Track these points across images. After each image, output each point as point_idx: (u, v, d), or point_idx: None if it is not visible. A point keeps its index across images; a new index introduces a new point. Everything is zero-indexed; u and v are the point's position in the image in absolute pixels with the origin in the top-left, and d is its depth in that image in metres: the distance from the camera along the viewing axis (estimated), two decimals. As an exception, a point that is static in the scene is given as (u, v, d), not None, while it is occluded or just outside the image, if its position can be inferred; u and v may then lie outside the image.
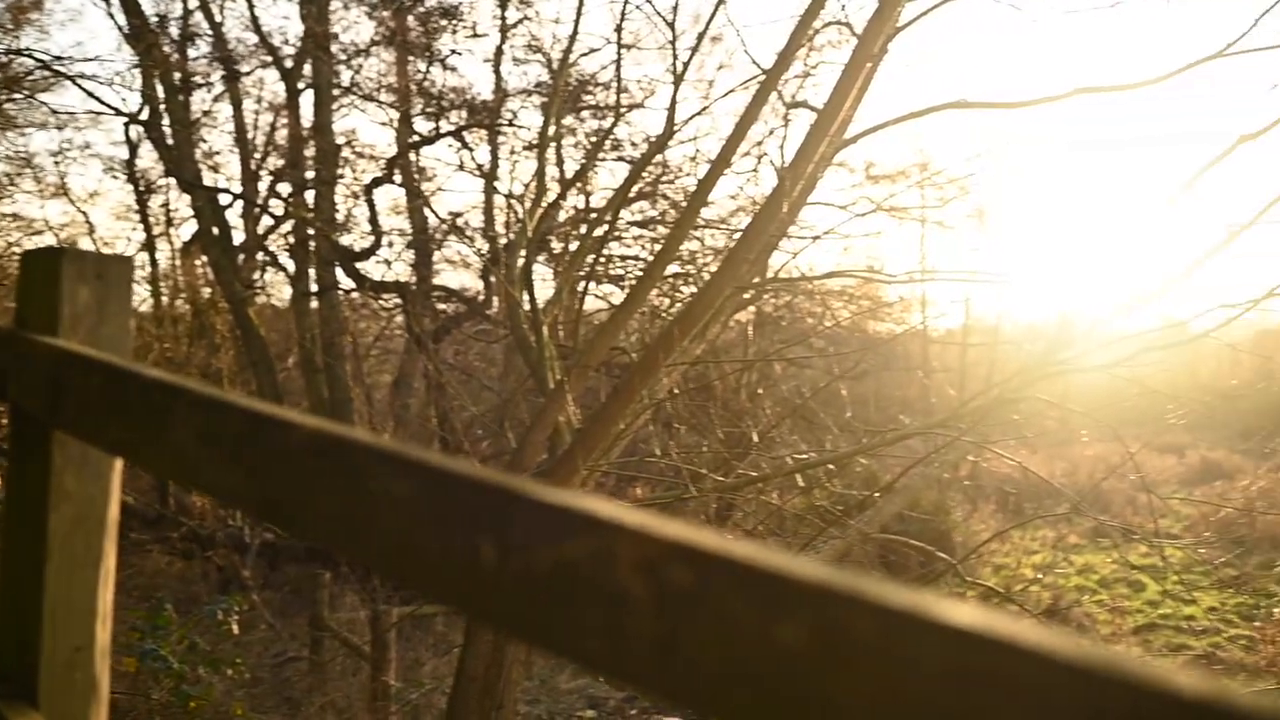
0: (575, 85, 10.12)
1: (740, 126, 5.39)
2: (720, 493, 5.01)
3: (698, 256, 10.99)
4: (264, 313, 12.34)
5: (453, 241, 11.18)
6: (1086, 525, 9.95)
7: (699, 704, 0.68)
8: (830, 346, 9.72)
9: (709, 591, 0.65)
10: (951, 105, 6.73)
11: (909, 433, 5.53)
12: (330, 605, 9.42)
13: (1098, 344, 6.72)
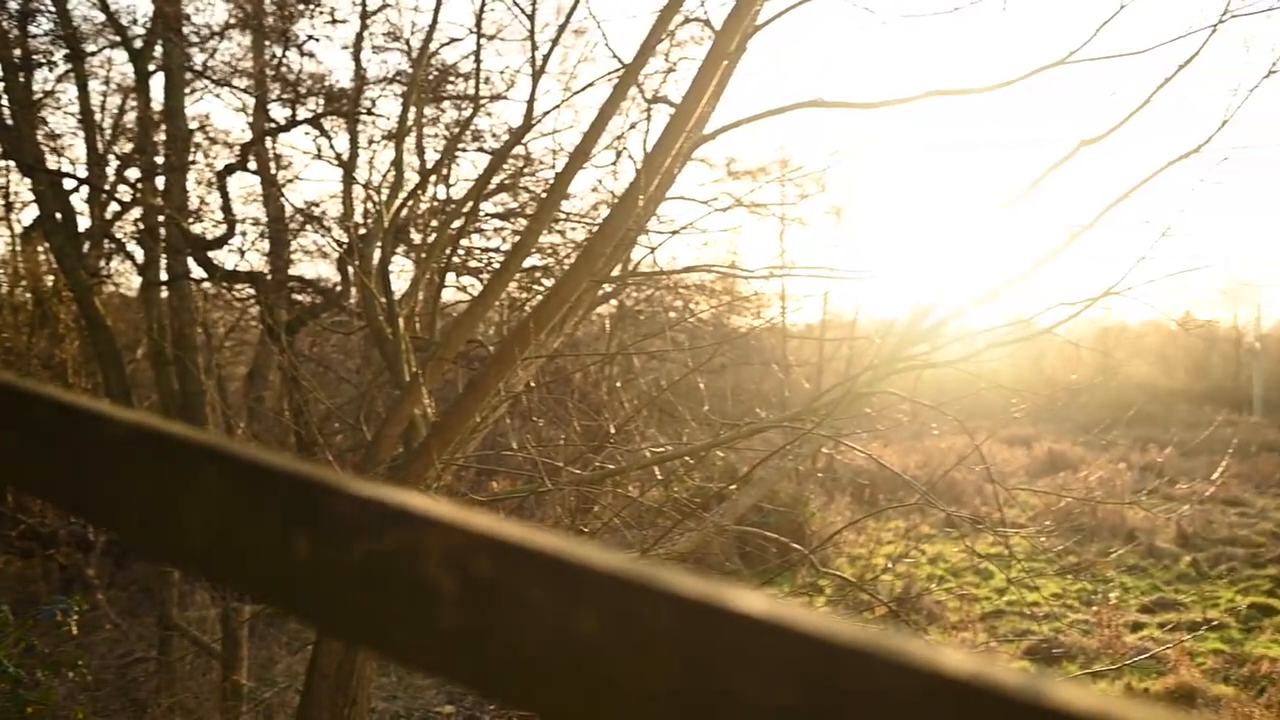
0: (436, 75, 10.01)
1: (599, 120, 5.40)
2: (577, 486, 5.02)
3: (560, 250, 10.98)
4: (111, 302, 11.95)
5: (310, 231, 10.97)
6: (938, 516, 10.22)
7: (503, 694, 0.69)
8: (690, 341, 9.81)
9: (511, 582, 0.65)
10: (808, 104, 6.84)
11: (764, 426, 5.61)
12: (180, 603, 9.18)
13: (947, 340, 6.92)
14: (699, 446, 5.58)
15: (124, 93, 10.94)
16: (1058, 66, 7.06)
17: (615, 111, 5.58)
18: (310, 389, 7.66)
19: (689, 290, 12.57)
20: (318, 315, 10.14)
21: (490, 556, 0.67)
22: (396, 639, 0.73)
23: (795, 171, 13.43)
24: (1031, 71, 7.09)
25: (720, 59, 4.96)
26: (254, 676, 8.28)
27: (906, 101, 6.96)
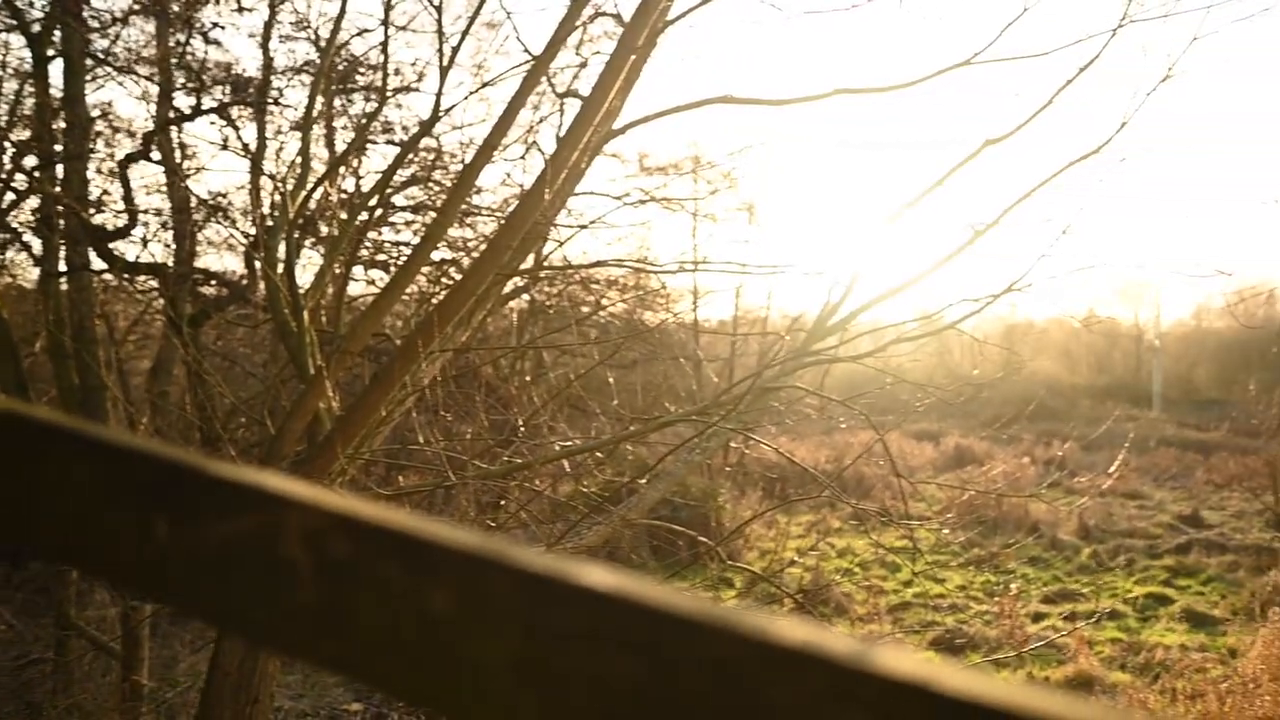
0: (345, 66, 9.89)
1: (507, 113, 5.38)
2: (484, 480, 5.00)
3: (470, 244, 10.92)
4: (7, 294, 11.62)
5: (216, 223, 10.77)
6: (847, 510, 10.34)
7: (363, 674, 0.69)
8: (601, 335, 9.83)
9: (367, 562, 0.66)
10: (717, 100, 6.88)
11: (671, 420, 5.63)
12: (78, 602, 8.96)
13: (854, 335, 7.01)
14: (606, 441, 5.59)
15: (21, 78, 10.65)
16: (963, 67, 7.18)
17: (523, 105, 5.56)
18: (215, 384, 7.53)
19: (601, 285, 12.58)
20: (223, 308, 9.96)
21: (348, 537, 0.67)
22: (257, 620, 0.73)
23: (707, 167, 13.51)
24: (937, 71, 7.19)
25: (628, 53, 4.96)
26: (155, 676, 8.13)
27: (814, 99, 7.02)
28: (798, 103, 7.13)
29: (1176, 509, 20.21)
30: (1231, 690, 8.94)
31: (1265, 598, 12.32)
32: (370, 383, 4.86)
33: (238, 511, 0.73)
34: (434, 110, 6.27)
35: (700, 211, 14.72)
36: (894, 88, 7.24)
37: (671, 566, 9.31)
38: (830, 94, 6.99)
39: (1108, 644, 11.34)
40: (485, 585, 0.60)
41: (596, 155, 6.31)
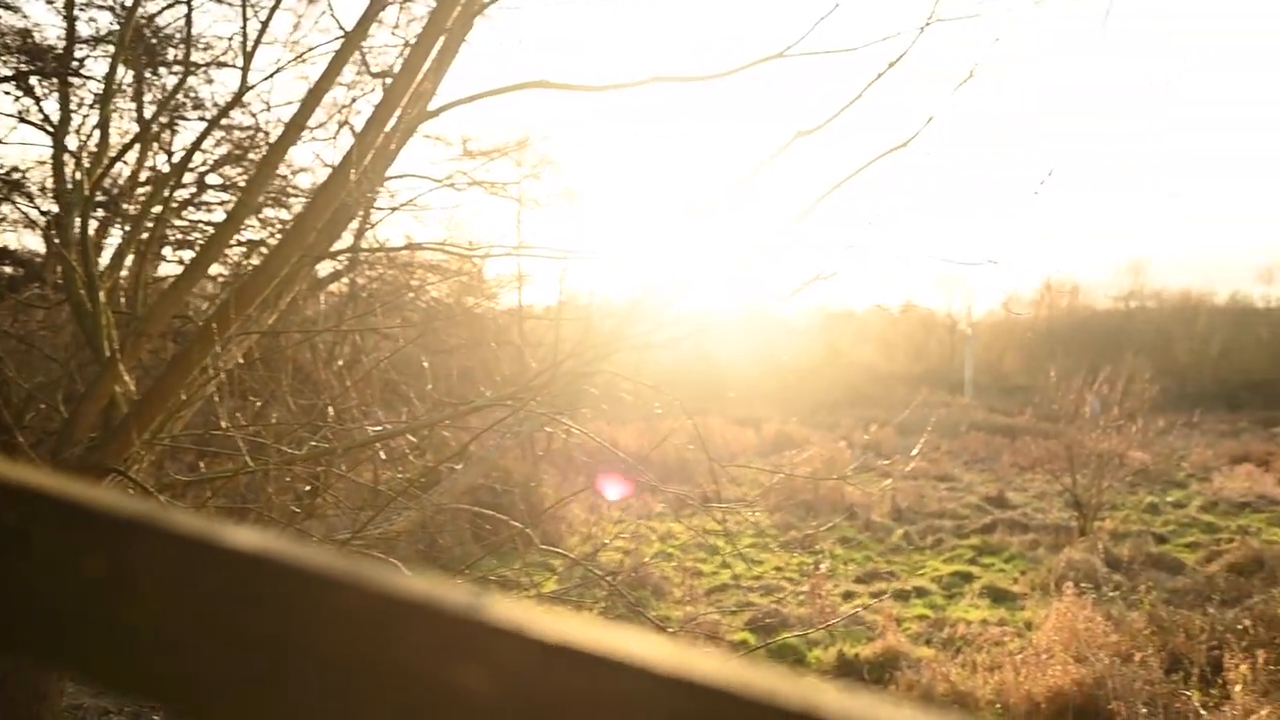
0: (152, 37, 9.53)
1: (316, 90, 5.27)
2: (289, 465, 4.90)
3: (289, 225, 10.65)
4: None
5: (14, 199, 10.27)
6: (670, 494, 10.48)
7: (30, 647, 0.68)
8: (423, 320, 9.72)
9: (32, 530, 0.65)
10: (533, 84, 6.86)
11: (483, 404, 5.62)
12: None
13: (670, 321, 7.09)
14: (417, 425, 5.54)
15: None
16: (776, 59, 7.31)
17: (333, 83, 5.46)
18: (6, 368, 7.20)
19: (423, 270, 12.45)
20: (18, 289, 9.51)
21: (13, 506, 0.66)
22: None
23: (530, 152, 13.47)
24: (751, 63, 7.31)
25: (438, 33, 4.92)
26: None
27: (630, 86, 7.06)
28: (614, 89, 7.16)
29: (984, 491, 21.08)
30: (1026, 662, 9.38)
31: (1060, 574, 12.95)
32: (168, 365, 4.72)
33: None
34: (241, 86, 6.10)
35: (524, 197, 14.69)
36: (709, 77, 7.34)
37: (493, 552, 9.28)
38: (647, 81, 7.04)
39: (915, 620, 11.77)
40: (136, 550, 0.60)
41: (410, 137, 6.22)
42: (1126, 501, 19.49)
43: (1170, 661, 9.46)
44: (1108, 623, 10.30)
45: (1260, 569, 13.29)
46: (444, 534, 10.88)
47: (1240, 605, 11.25)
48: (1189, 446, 26.68)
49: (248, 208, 6.10)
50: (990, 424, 32.39)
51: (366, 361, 6.64)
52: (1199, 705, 8.01)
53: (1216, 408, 42.98)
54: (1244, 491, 20.93)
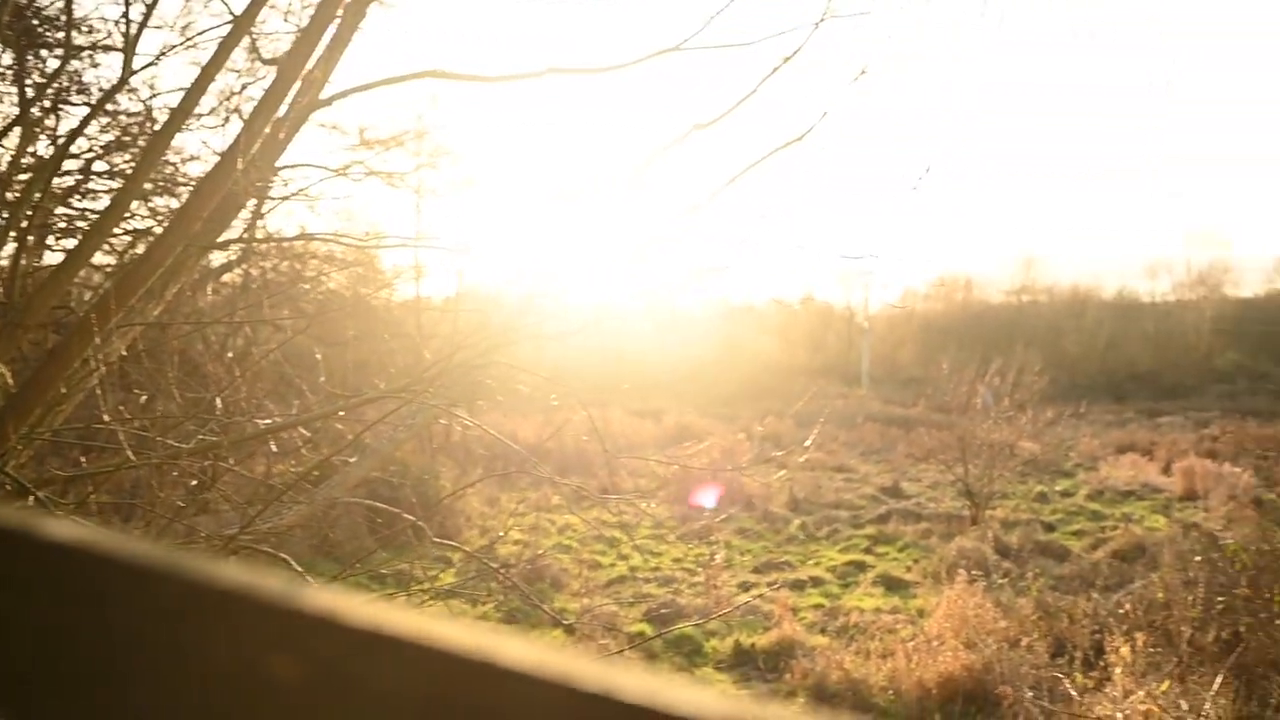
0: (33, 17, 9.24)
1: (203, 76, 5.16)
2: (173, 459, 4.80)
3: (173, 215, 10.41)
4: None
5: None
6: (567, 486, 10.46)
7: None
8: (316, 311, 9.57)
9: None
10: (429, 74, 6.79)
11: (375, 396, 5.56)
12: None
13: (567, 312, 7.08)
14: (308, 417, 5.47)
15: None
16: (673, 52, 7.33)
17: (221, 68, 5.35)
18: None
19: (319, 261, 12.27)
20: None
21: None
22: None
23: (428, 142, 13.36)
24: (648, 56, 7.32)
25: (329, 19, 4.85)
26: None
27: (527, 77, 7.03)
28: (511, 80, 7.13)
29: (879, 481, 21.43)
30: (918, 648, 9.56)
31: (952, 562, 13.22)
32: (46, 358, 4.60)
33: None
34: (125, 70, 5.94)
35: (421, 187, 14.56)
36: (606, 70, 7.33)
37: (385, 545, 9.19)
38: (543, 73, 7.02)
39: (811, 610, 11.92)
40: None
41: (301, 125, 6.12)
42: (1017, 491, 19.96)
43: (1055, 646, 9.71)
44: (997, 609, 10.55)
45: (1142, 555, 13.71)
46: (338, 528, 10.76)
47: (1122, 590, 11.59)
48: (1077, 437, 27.40)
49: (132, 195, 5.96)
50: (886, 415, 32.93)
51: (257, 353, 6.52)
52: (1081, 687, 8.23)
53: (1103, 399, 44.21)
54: (1128, 480, 21.57)
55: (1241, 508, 17.46)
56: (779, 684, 9.68)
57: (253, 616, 0.50)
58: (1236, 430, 29.73)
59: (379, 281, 12.87)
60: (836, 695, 9.18)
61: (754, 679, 9.93)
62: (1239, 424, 32.05)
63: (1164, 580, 10.72)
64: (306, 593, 0.49)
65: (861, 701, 9.05)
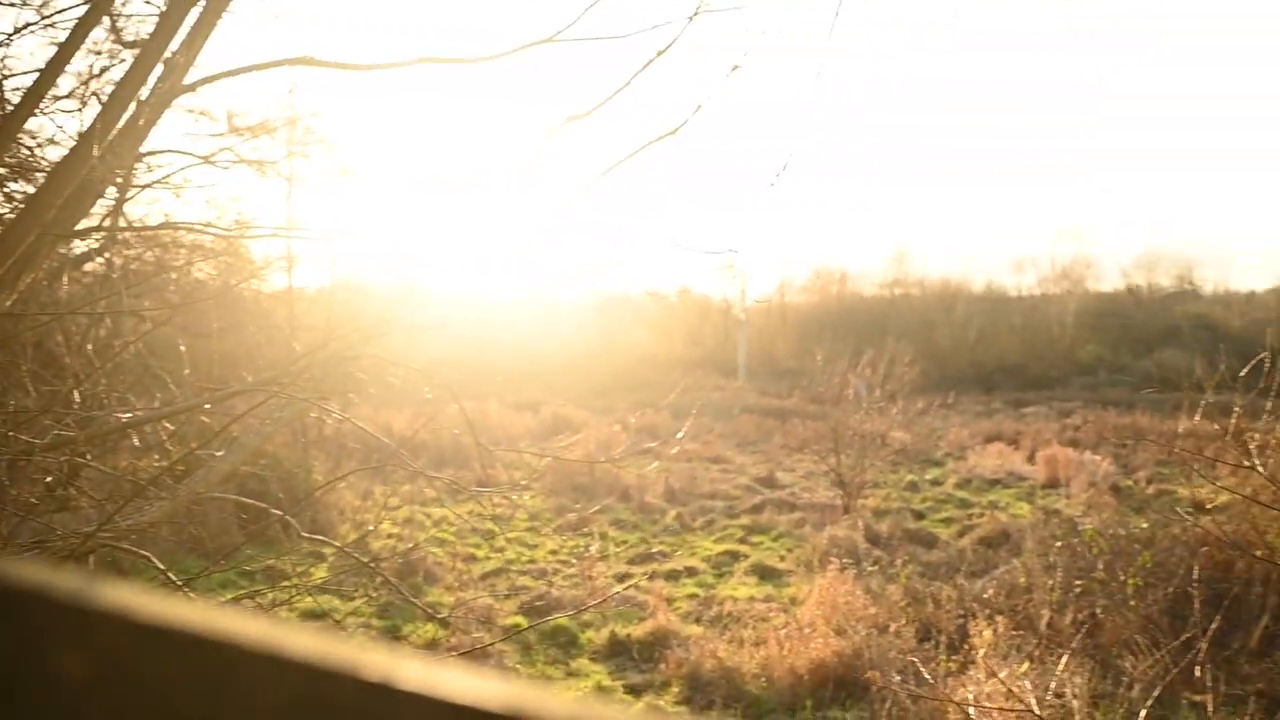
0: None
1: (59, 57, 4.99)
2: (25, 456, 4.64)
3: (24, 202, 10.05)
4: None
5: None
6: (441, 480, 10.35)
7: None
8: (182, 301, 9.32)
9: None
10: (298, 61, 6.67)
11: (243, 389, 5.44)
12: None
13: (441, 303, 7.02)
14: (172, 410, 5.33)
15: None
16: (548, 43, 7.30)
17: (78, 49, 5.17)
18: None
19: (186, 250, 11.95)
20: None
21: None
22: None
23: (301, 130, 13.11)
24: (522, 46, 7.28)
25: (188, 5, 4.73)
26: None
27: (399, 66, 6.94)
28: (382, 69, 7.03)
29: (754, 472, 21.70)
30: (790, 636, 9.70)
31: (824, 550, 13.45)
32: (-113, 349, 4.40)
33: None
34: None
35: (294, 175, 14.28)
36: (480, 60, 7.28)
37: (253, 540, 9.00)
38: (415, 62, 6.94)
39: (686, 600, 12.02)
40: None
41: (163, 111, 5.95)
42: (888, 479, 20.40)
43: (923, 631, 9.95)
44: (867, 596, 10.77)
45: (1006, 541, 14.11)
46: (206, 524, 10.51)
47: (987, 575, 11.91)
48: (946, 426, 28.10)
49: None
50: (762, 407, 33.36)
51: (119, 345, 6.34)
52: (946, 671, 8.45)
53: (972, 389, 45.39)
54: (995, 469, 22.20)
55: (1100, 494, 18.08)
56: (654, 674, 9.74)
57: (40, 612, 0.49)
58: (1097, 420, 30.80)
59: (248, 271, 12.58)
60: (710, 684, 9.28)
61: (629, 669, 9.97)
62: (1099, 414, 33.21)
63: (1026, 565, 11.06)
64: (97, 589, 0.48)
65: (735, 689, 9.16)
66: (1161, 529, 11.92)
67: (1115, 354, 54.37)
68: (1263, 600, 10.11)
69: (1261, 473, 6.07)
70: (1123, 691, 8.21)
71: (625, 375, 38.90)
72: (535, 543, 14.76)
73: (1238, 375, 6.82)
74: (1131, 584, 9.99)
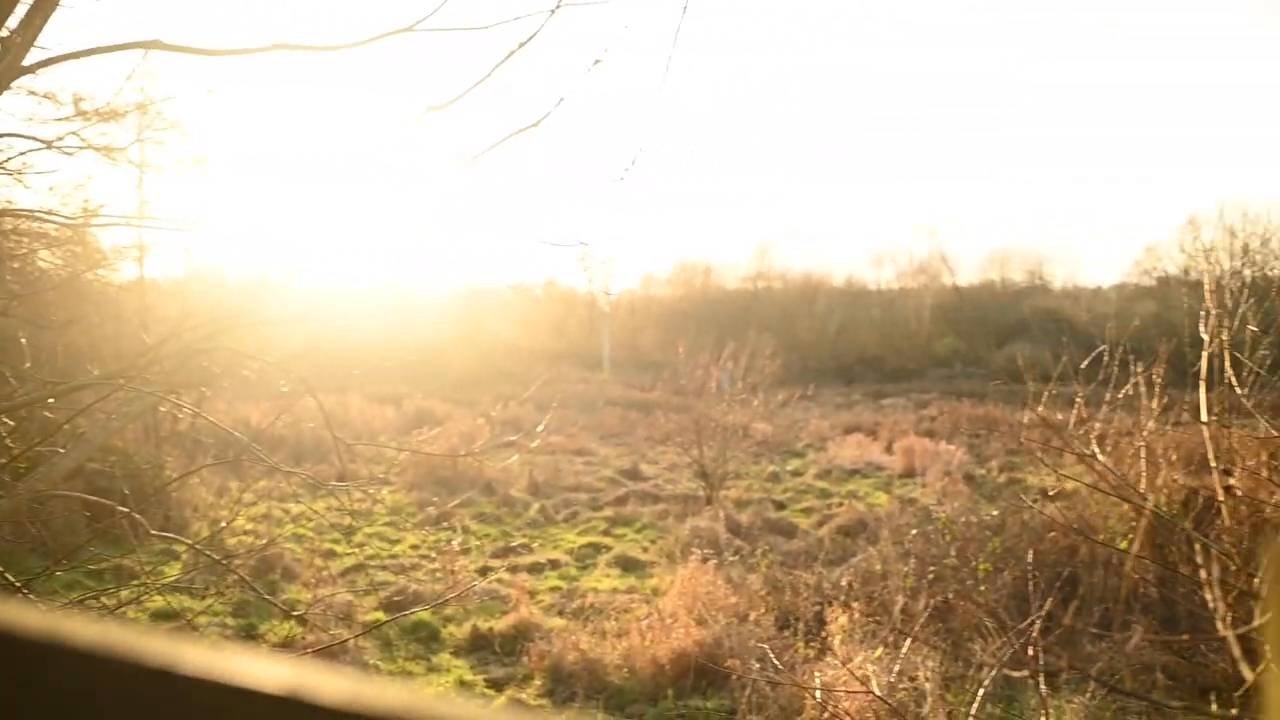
0: None
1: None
2: None
3: None
4: None
5: None
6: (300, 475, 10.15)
7: None
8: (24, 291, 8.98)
9: None
10: (146, 44, 6.46)
11: (89, 383, 5.28)
12: None
13: (299, 295, 6.89)
14: (9, 405, 5.14)
15: None
16: (406, 33, 7.21)
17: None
18: None
19: (29, 239, 11.51)
20: None
21: None
22: None
23: (153, 115, 12.73)
24: (380, 35, 7.18)
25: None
26: None
27: (253, 52, 6.79)
28: (236, 54, 6.87)
29: (619, 464, 21.80)
30: (652, 626, 9.78)
31: (687, 541, 13.59)
32: None
33: None
34: None
35: (146, 162, 13.85)
36: (337, 48, 7.15)
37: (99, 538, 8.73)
38: (269, 49, 6.78)
39: (549, 592, 12.02)
40: None
41: (1, 93, 5.73)
42: (750, 471, 20.69)
43: (782, 619, 10.12)
44: (728, 586, 10.91)
45: (864, 530, 14.44)
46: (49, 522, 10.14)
47: (845, 563, 12.18)
48: (807, 418, 28.60)
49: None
50: (627, 399, 33.49)
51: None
52: (804, 657, 8.62)
53: (833, 382, 46.33)
54: (854, 459, 22.69)
55: (954, 483, 18.61)
56: (516, 667, 9.73)
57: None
58: (952, 411, 31.68)
59: (96, 260, 12.18)
60: (573, 676, 9.30)
61: (491, 663, 9.94)
62: (955, 405, 34.16)
63: (882, 553, 11.34)
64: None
65: (597, 681, 9.20)
66: (1011, 516, 12.34)
67: (970, 347, 56.00)
68: (1104, 583, 10.54)
69: (1102, 461, 6.31)
70: (972, 674, 8.48)
71: (489, 368, 38.68)
72: (396, 538, 14.60)
73: (1080, 368, 7.08)
74: (982, 570, 10.31)
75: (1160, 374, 6.23)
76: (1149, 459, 6.05)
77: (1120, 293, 61.50)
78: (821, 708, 7.65)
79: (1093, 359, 7.18)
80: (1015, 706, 8.22)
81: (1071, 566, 10.81)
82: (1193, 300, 6.16)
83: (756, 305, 55.95)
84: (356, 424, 23.65)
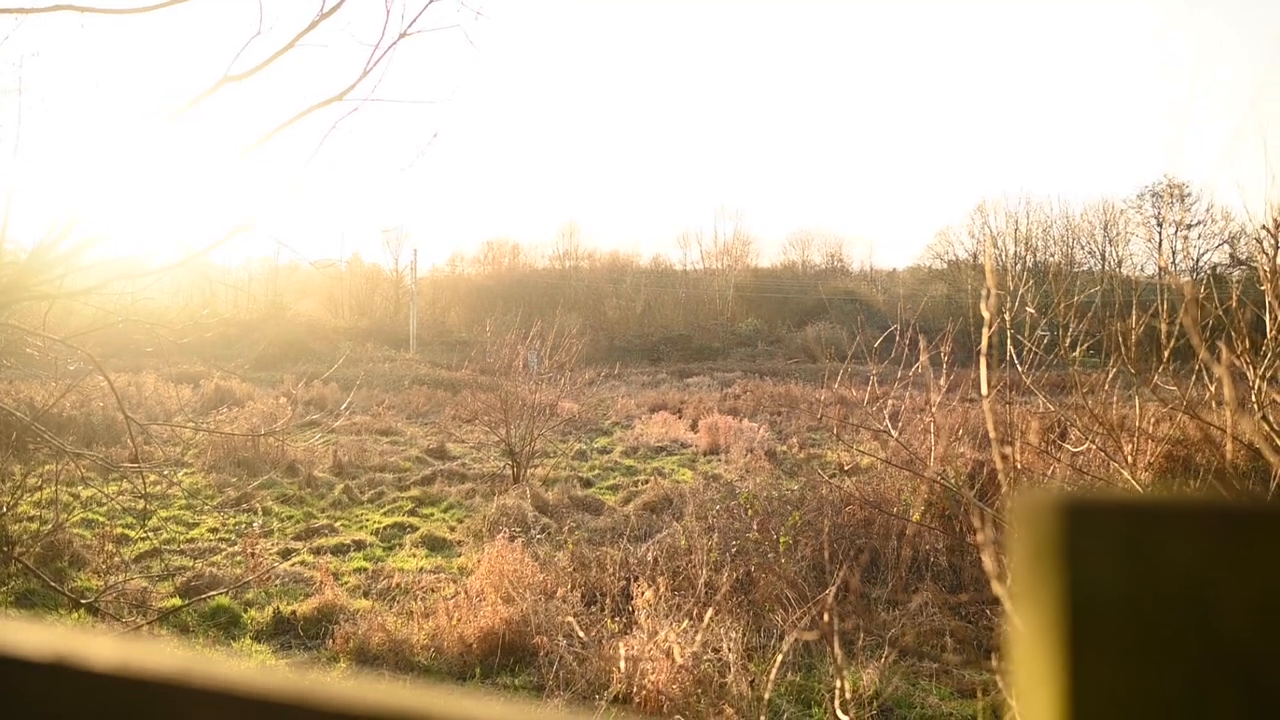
0: None
1: None
2: None
3: None
4: None
5: None
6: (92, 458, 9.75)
7: None
8: None
9: None
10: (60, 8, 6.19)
11: None
12: None
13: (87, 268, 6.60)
14: None
15: None
16: (194, 0, 6.99)
17: None
18: None
19: None
20: None
21: None
22: None
23: None
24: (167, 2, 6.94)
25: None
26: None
27: (33, 12, 6.48)
28: (12, 13, 6.54)
29: (425, 443, 21.59)
30: (459, 606, 9.74)
31: (494, 520, 13.57)
32: None
33: None
34: None
35: None
36: (124, 11, 6.89)
37: None
38: (50, 9, 6.49)
39: (354, 574, 11.83)
40: None
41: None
42: (558, 449, 20.78)
43: (589, 594, 10.22)
44: (535, 563, 10.94)
45: (669, 506, 14.67)
46: None
47: (651, 539, 12.36)
48: (614, 397, 28.89)
49: None
50: (433, 378, 33.14)
51: None
52: (610, 631, 8.73)
53: (639, 360, 46.84)
54: (660, 436, 23.03)
55: (757, 459, 19.08)
56: (320, 651, 9.56)
57: None
58: (755, 389, 32.45)
59: None
60: (378, 657, 9.20)
61: (294, 647, 9.74)
62: (757, 383, 35.01)
63: (686, 528, 11.54)
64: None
65: (404, 661, 9.12)
66: (810, 491, 12.73)
67: (772, 326, 57.41)
68: (897, 553, 10.98)
69: (894, 437, 6.58)
70: (774, 644, 8.74)
71: (292, 347, 37.72)
72: (194, 521, 14.12)
73: (874, 347, 7.36)
74: (783, 543, 10.62)
75: (948, 352, 6.53)
76: (938, 434, 6.34)
77: (914, 275, 64.02)
78: (628, 681, 7.78)
79: (885, 338, 7.48)
80: (815, 674, 8.51)
81: (867, 538, 11.23)
82: (978, 283, 6.48)
83: (564, 284, 56.07)
84: (151, 404, 22.72)
